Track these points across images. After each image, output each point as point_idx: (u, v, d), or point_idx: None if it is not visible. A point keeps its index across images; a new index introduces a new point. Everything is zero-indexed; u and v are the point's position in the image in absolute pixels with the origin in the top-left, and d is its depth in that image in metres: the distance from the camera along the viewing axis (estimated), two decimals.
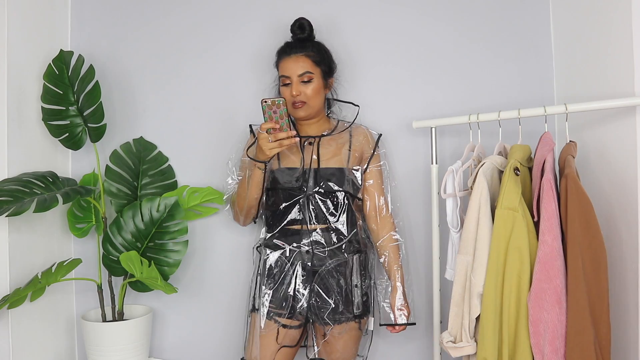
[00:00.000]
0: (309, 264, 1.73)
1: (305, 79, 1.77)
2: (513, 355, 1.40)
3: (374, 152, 1.85)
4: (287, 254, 1.75)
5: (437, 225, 1.82)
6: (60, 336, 2.12)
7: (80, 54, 2.03)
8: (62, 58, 1.98)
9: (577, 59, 1.79)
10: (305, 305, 1.72)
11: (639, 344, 1.42)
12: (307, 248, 1.73)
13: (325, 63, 1.83)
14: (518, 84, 1.95)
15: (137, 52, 2.17)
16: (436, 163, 1.83)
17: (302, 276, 1.73)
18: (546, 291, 1.34)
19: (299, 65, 1.77)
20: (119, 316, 2.01)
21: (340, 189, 1.75)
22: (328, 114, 1.94)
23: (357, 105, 1.96)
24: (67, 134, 1.98)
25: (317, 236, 1.74)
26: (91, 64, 2.02)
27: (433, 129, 1.82)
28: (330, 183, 1.75)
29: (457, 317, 1.51)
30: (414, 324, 1.80)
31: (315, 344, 1.81)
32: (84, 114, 1.99)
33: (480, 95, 1.97)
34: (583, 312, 1.31)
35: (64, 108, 1.97)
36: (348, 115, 1.99)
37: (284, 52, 1.82)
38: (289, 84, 1.78)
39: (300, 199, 1.75)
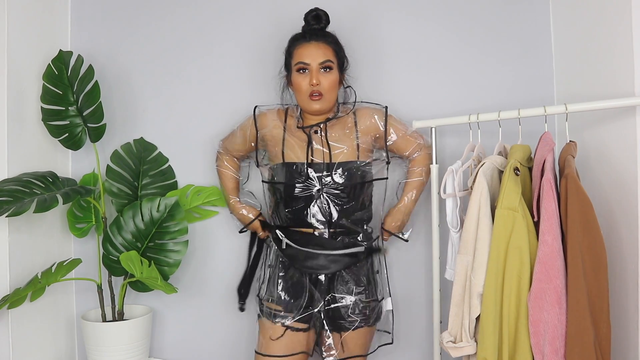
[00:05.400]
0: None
1: (326, 67, 1.67)
2: (513, 355, 1.40)
3: (385, 127, 1.77)
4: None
5: (437, 225, 1.82)
6: (60, 336, 2.11)
7: (79, 54, 2.03)
8: (62, 58, 1.97)
9: (577, 59, 1.79)
10: (319, 310, 1.69)
11: (639, 344, 1.42)
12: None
13: (341, 56, 1.76)
14: (518, 84, 1.95)
15: (137, 52, 2.17)
16: (436, 163, 1.83)
17: (314, 278, 1.70)
18: (546, 291, 1.34)
19: (320, 52, 1.67)
20: (119, 316, 2.01)
21: (353, 183, 1.70)
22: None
23: (350, 86, 1.84)
24: (67, 134, 1.98)
25: (327, 237, 1.70)
26: (90, 64, 2.01)
27: (433, 129, 1.82)
28: (340, 179, 1.69)
29: (457, 317, 1.51)
30: (407, 240, 1.89)
31: (330, 351, 1.74)
32: (84, 114, 1.99)
33: (480, 95, 1.97)
34: (583, 312, 1.31)
35: (64, 108, 1.97)
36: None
37: (303, 37, 1.72)
38: (306, 70, 1.68)
39: (309, 197, 1.69)
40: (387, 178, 1.85)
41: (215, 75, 2.13)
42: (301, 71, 1.69)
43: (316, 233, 1.72)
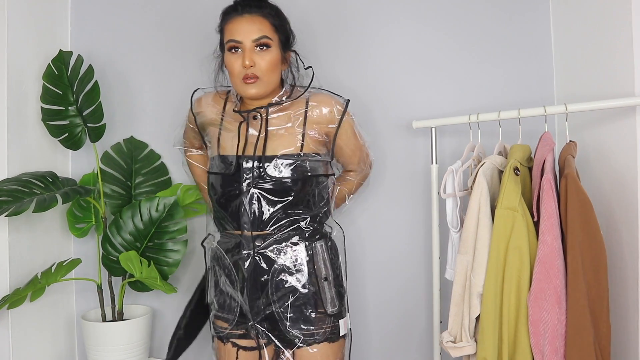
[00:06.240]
0: (254, 270, 1.48)
1: (262, 44, 1.41)
2: (513, 355, 1.40)
3: (340, 123, 1.50)
4: (228, 259, 1.51)
5: (437, 225, 1.82)
6: (60, 336, 2.11)
7: (79, 54, 2.03)
8: (62, 58, 1.97)
9: (577, 59, 1.78)
10: (256, 320, 1.48)
11: (639, 344, 1.42)
12: (248, 252, 1.47)
13: (284, 31, 1.49)
14: (518, 84, 1.95)
15: (137, 52, 2.17)
16: (436, 163, 1.83)
17: (246, 285, 1.48)
18: (546, 291, 1.34)
19: (254, 27, 1.40)
20: (118, 316, 2.01)
21: (292, 178, 1.45)
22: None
23: (310, 67, 1.59)
24: (67, 134, 1.98)
25: (261, 240, 1.48)
26: (90, 64, 2.01)
27: (433, 129, 1.82)
28: (275, 172, 1.45)
29: (457, 317, 1.51)
30: None
31: None
32: (84, 114, 1.99)
33: (480, 95, 1.97)
34: (583, 312, 1.31)
35: (64, 108, 1.97)
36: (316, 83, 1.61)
37: (234, 10, 1.45)
38: (238, 49, 1.42)
39: (239, 194, 1.46)
40: (333, 174, 1.60)
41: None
42: (233, 50, 1.43)
43: (244, 235, 1.48)
